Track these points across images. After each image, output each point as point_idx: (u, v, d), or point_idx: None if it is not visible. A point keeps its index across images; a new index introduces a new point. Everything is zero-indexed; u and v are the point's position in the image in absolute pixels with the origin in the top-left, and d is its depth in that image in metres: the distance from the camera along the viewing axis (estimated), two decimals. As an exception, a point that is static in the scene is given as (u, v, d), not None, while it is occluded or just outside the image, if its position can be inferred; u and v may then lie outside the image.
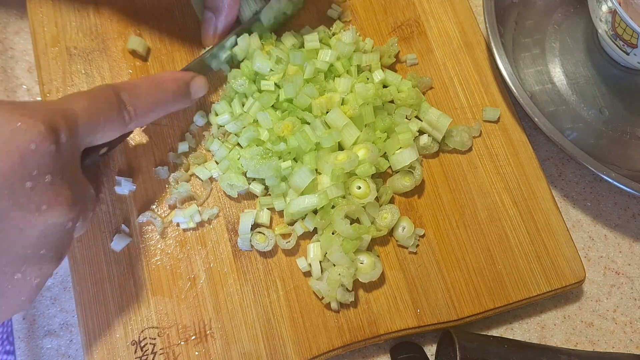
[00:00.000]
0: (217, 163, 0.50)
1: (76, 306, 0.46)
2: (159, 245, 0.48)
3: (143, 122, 0.42)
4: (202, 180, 0.49)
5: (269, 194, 0.49)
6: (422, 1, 0.59)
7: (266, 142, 0.49)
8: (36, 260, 0.34)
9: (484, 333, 0.51)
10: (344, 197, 0.47)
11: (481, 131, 0.54)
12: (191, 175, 0.50)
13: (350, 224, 0.46)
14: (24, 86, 0.55)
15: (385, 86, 0.54)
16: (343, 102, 0.50)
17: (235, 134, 0.50)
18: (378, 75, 0.53)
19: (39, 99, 0.54)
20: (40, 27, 0.53)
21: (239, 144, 0.50)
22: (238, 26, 0.52)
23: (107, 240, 0.47)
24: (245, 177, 0.49)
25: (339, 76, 0.52)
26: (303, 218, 0.48)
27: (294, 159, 0.49)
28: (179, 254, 0.48)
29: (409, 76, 0.55)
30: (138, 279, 0.46)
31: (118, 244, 0.47)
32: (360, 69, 0.53)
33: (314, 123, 0.48)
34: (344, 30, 0.54)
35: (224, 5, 0.49)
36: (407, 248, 0.50)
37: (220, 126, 0.51)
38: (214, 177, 0.50)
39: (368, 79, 0.52)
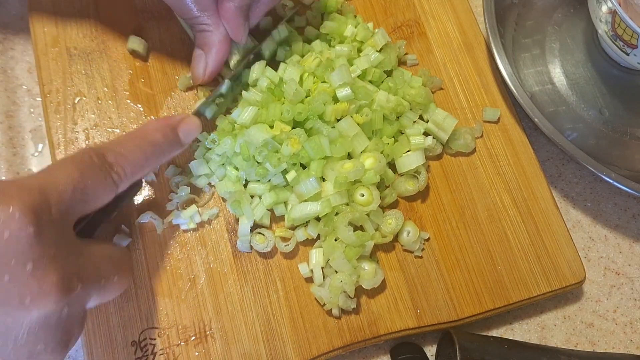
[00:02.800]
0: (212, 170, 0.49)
1: (76, 306, 0.46)
2: (159, 246, 0.48)
3: (135, 179, 0.40)
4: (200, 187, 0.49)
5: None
6: (422, 1, 0.59)
7: (263, 162, 0.47)
8: (34, 358, 0.31)
9: (484, 333, 0.51)
10: (347, 204, 0.47)
11: (482, 132, 0.54)
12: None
13: (354, 230, 0.46)
14: (24, 86, 0.55)
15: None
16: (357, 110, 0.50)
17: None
18: (397, 77, 0.53)
19: (39, 99, 0.54)
20: (40, 28, 0.53)
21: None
22: (227, 72, 0.51)
23: (107, 241, 0.47)
24: (243, 185, 0.48)
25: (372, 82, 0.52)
26: (305, 225, 0.48)
27: (300, 164, 0.48)
28: (179, 254, 0.47)
29: (420, 73, 0.55)
30: (138, 279, 0.46)
31: (118, 244, 0.47)
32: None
33: (329, 133, 0.47)
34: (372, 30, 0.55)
35: (214, 43, 0.47)
36: (412, 252, 0.49)
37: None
38: (211, 183, 0.50)
39: (390, 84, 0.52)
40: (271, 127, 0.47)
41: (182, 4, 0.46)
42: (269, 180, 0.48)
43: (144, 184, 0.49)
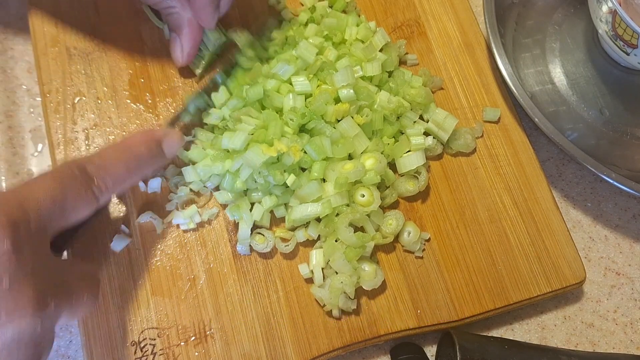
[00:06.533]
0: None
1: (76, 307, 0.45)
2: (159, 246, 0.48)
3: (117, 192, 0.39)
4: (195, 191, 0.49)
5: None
6: (422, 1, 0.59)
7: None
8: None
9: (484, 333, 0.51)
10: (348, 205, 0.47)
11: (482, 132, 0.54)
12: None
13: (355, 231, 0.46)
14: (24, 86, 0.55)
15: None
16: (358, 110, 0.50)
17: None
18: (399, 78, 0.53)
19: (38, 99, 0.54)
20: (40, 27, 0.53)
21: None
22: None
23: (107, 241, 0.47)
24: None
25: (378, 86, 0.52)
26: (305, 226, 0.48)
27: (300, 167, 0.48)
28: (179, 254, 0.47)
29: (420, 72, 0.55)
30: (138, 279, 0.46)
31: (118, 244, 0.47)
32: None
33: (332, 134, 0.47)
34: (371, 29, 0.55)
35: (184, 23, 0.48)
36: (412, 253, 0.49)
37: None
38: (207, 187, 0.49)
39: (391, 85, 0.52)
40: (270, 144, 0.46)
41: None
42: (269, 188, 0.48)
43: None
